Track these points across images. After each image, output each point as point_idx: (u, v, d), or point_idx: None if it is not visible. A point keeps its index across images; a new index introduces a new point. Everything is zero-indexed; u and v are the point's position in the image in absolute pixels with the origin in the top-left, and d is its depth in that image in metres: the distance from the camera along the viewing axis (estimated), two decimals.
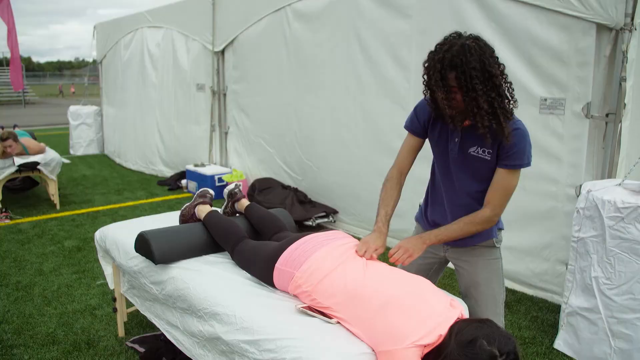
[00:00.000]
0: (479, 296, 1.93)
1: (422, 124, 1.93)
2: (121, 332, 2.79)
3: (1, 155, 5.01)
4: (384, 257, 1.85)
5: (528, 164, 1.78)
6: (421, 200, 2.13)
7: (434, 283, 1.90)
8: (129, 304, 2.79)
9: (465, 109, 1.67)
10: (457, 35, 1.66)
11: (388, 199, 1.94)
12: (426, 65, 1.70)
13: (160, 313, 2.22)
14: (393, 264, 1.84)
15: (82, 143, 9.41)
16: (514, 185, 1.79)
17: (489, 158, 1.78)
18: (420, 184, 2.63)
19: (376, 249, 1.82)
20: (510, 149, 1.73)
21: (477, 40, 1.65)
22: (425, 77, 1.72)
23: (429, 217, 2.03)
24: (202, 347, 1.88)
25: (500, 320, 1.95)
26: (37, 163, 5.08)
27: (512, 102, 1.70)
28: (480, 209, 1.82)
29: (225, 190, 2.59)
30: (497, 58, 1.67)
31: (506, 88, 1.68)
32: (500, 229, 1.97)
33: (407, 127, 1.99)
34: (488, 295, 1.93)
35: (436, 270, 2.11)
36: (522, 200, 3.28)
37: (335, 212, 4.75)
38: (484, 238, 1.91)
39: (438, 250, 2.02)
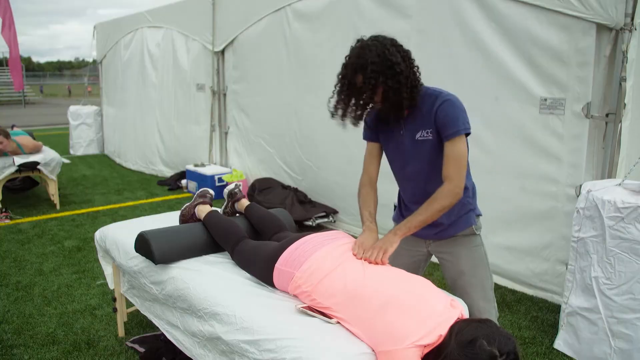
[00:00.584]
0: (466, 285, 1.95)
1: (372, 129, 2.01)
2: (121, 332, 2.79)
3: None
4: None
5: (466, 130, 1.78)
6: (396, 200, 2.17)
7: None
8: (129, 304, 2.79)
9: (380, 102, 1.76)
10: (359, 41, 1.77)
11: (368, 201, 2.00)
12: (339, 76, 1.80)
13: (160, 313, 2.22)
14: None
15: (82, 143, 9.41)
16: (463, 154, 1.79)
17: (432, 137, 1.82)
18: None
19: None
20: (443, 119, 1.77)
21: (376, 38, 1.75)
22: (337, 87, 1.80)
23: (404, 216, 2.04)
24: (203, 347, 1.88)
25: (492, 306, 1.97)
26: (37, 163, 5.08)
27: (418, 86, 1.79)
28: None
29: (225, 190, 2.59)
30: (400, 46, 1.76)
31: (414, 72, 1.77)
32: (479, 215, 2.00)
33: (364, 137, 2.07)
34: (475, 284, 1.95)
35: (422, 267, 2.14)
36: (522, 200, 3.29)
37: (335, 212, 4.75)
38: (463, 227, 1.94)
39: (420, 246, 2.05)
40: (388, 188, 2.23)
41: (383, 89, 1.72)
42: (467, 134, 1.80)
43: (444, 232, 1.95)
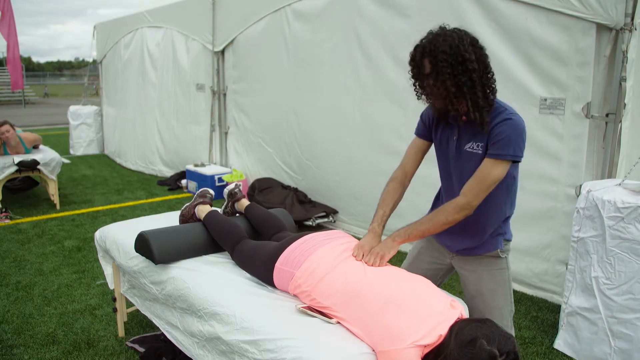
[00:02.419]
0: (484, 307, 1.89)
1: (427, 126, 1.93)
2: (121, 332, 2.79)
3: None
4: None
5: (515, 157, 1.68)
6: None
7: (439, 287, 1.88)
8: (129, 304, 2.79)
9: (436, 94, 1.68)
10: (440, 28, 1.68)
11: (388, 200, 1.94)
12: (410, 57, 1.73)
13: (160, 313, 2.22)
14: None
15: (82, 143, 9.40)
16: (494, 177, 1.68)
17: (481, 152, 1.73)
18: (421, 184, 2.63)
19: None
20: (496, 137, 1.67)
21: (457, 30, 1.66)
22: (409, 71, 1.74)
23: None
24: (202, 347, 1.88)
25: None
26: (37, 163, 5.08)
27: (491, 92, 1.70)
28: (477, 210, 1.75)
29: (225, 190, 2.59)
30: (482, 48, 1.67)
31: (488, 77, 1.68)
32: (508, 240, 1.91)
33: (415, 132, 1.99)
34: (493, 307, 1.88)
35: (442, 277, 2.07)
36: (522, 200, 3.27)
37: (335, 212, 4.75)
38: (489, 249, 1.86)
39: (444, 256, 1.99)
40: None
41: (456, 84, 1.63)
42: (515, 161, 1.72)
43: (468, 250, 1.89)
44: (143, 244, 2.20)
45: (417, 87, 1.75)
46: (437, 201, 2.04)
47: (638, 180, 2.47)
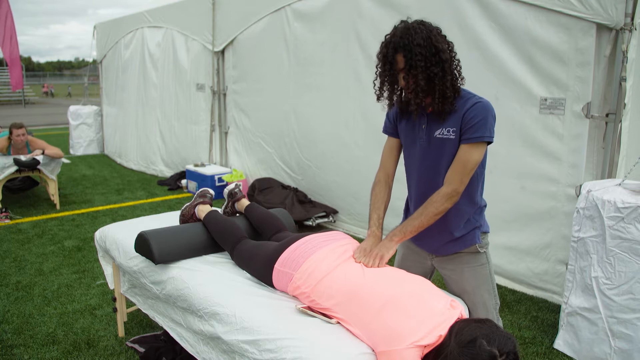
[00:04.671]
0: (469, 304, 1.90)
1: (393, 123, 1.96)
2: (121, 332, 2.79)
3: (6, 143, 5.14)
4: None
5: (489, 138, 1.71)
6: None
7: None
8: (129, 304, 2.79)
9: (406, 88, 1.70)
10: (403, 22, 1.72)
11: (379, 203, 1.95)
12: (379, 55, 1.73)
13: (163, 310, 2.22)
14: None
15: (82, 143, 9.41)
16: (474, 161, 1.72)
17: (454, 137, 1.74)
18: None
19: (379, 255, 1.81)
20: (470, 122, 1.70)
21: (422, 22, 1.70)
22: (378, 67, 1.74)
23: None
24: (206, 344, 1.88)
25: None
26: (37, 162, 5.08)
27: (459, 79, 1.73)
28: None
29: (225, 190, 2.59)
30: (445, 37, 1.71)
31: (455, 65, 1.71)
32: (485, 233, 1.91)
33: (383, 131, 2.02)
34: (477, 303, 1.89)
35: (429, 278, 2.07)
36: (522, 200, 3.29)
37: (335, 212, 4.75)
38: (467, 244, 1.86)
39: (425, 259, 2.00)
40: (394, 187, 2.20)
41: (427, 76, 1.65)
42: (489, 143, 1.74)
43: (446, 247, 1.89)
44: (143, 244, 2.20)
45: (385, 83, 1.75)
46: (407, 212, 2.04)
47: (638, 180, 2.47)
